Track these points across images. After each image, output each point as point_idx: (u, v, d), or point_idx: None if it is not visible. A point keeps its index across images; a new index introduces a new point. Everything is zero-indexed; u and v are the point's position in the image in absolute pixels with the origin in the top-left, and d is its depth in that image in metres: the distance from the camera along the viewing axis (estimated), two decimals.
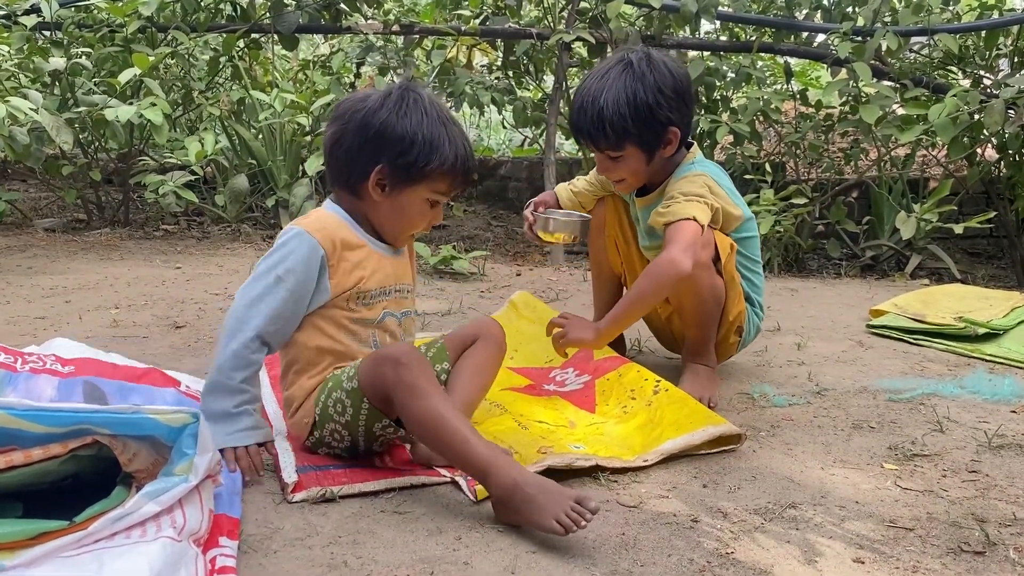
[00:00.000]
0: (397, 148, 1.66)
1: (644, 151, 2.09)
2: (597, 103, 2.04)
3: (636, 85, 2.03)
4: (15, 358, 1.64)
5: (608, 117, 2.03)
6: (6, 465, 1.24)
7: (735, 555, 1.39)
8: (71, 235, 4.47)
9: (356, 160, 1.69)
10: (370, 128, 1.66)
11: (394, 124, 1.65)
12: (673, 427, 1.84)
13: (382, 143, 1.66)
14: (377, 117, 1.66)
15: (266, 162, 4.66)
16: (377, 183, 1.69)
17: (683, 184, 2.11)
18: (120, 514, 1.21)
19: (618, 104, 2.02)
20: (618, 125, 2.03)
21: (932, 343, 2.71)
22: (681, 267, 1.94)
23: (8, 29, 4.33)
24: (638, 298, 2.01)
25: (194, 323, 2.80)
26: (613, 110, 2.02)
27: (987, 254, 4.67)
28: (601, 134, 2.06)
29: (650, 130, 2.06)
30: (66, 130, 3.88)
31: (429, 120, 1.67)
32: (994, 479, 1.69)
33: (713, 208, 2.08)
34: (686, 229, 2.00)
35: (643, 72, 2.03)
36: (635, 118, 2.03)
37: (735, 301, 2.18)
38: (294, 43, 4.94)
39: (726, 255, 2.11)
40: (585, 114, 2.07)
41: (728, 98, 4.78)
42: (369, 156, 1.67)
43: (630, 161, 2.11)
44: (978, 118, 3.76)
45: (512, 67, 5.26)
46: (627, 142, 2.06)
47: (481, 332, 1.86)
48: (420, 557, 1.36)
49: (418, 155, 1.66)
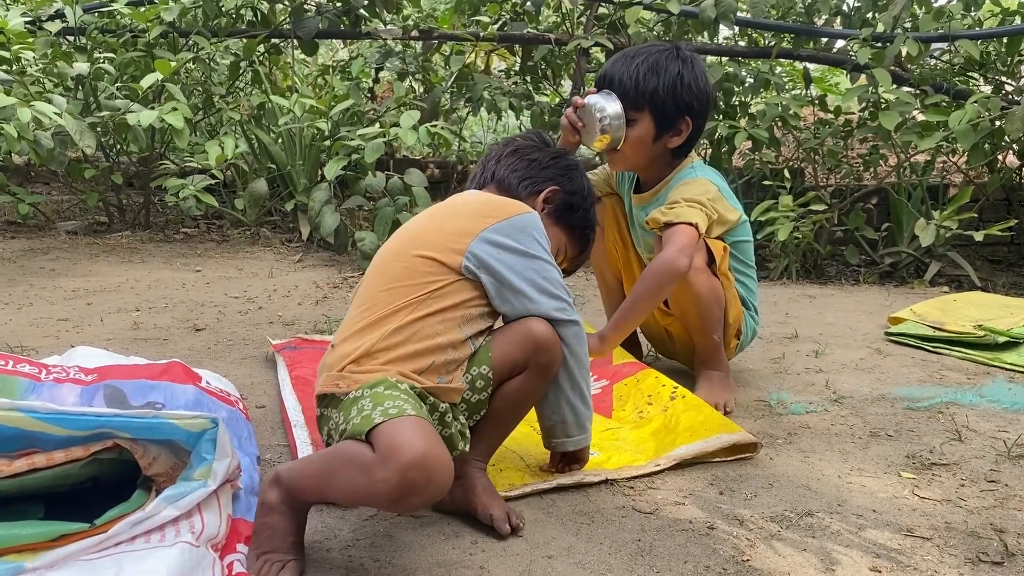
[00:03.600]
0: (571, 190, 1.80)
1: (655, 126, 2.13)
2: (636, 58, 2.10)
3: (677, 64, 2.10)
4: (39, 369, 1.66)
5: (643, 72, 2.08)
6: (28, 467, 1.26)
7: (751, 562, 1.39)
8: (93, 238, 4.51)
9: (542, 175, 1.78)
10: (567, 169, 1.82)
11: (581, 184, 1.83)
12: (688, 433, 1.84)
13: (565, 180, 1.80)
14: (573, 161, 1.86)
15: (285, 166, 4.69)
16: (545, 200, 1.76)
17: (686, 189, 2.13)
18: (140, 517, 1.22)
19: (655, 67, 2.09)
20: (648, 82, 2.08)
21: (951, 351, 2.69)
22: (679, 266, 1.97)
23: (33, 34, 4.38)
24: (639, 301, 2.01)
25: (213, 326, 2.82)
26: (647, 68, 2.09)
27: (1007, 261, 4.63)
28: (631, 83, 2.09)
29: (670, 108, 2.11)
30: (89, 134, 3.92)
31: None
32: (1013, 489, 1.68)
33: (710, 218, 2.11)
34: (684, 232, 2.02)
35: (686, 59, 2.12)
36: (664, 87, 2.08)
37: (732, 303, 2.20)
38: (314, 48, 4.97)
39: (720, 256, 2.15)
40: (620, 63, 2.12)
41: (747, 103, 4.77)
42: (553, 176, 1.78)
43: (639, 130, 2.12)
44: (999, 125, 3.74)
45: (530, 72, 5.26)
46: (647, 106, 2.10)
47: (531, 358, 1.56)
48: (437, 561, 1.37)
49: (582, 200, 1.81)
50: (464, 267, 1.52)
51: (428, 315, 1.50)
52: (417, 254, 1.54)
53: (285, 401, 2.03)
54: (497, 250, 1.53)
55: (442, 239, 1.55)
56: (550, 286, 1.56)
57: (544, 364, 1.57)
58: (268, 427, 1.96)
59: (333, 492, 1.32)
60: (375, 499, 1.27)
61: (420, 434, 1.26)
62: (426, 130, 3.98)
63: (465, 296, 1.53)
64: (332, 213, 4.02)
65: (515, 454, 1.77)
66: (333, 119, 4.42)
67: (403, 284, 1.52)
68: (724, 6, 4.21)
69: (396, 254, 1.58)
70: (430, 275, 1.52)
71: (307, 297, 3.37)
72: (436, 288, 1.51)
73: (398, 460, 1.22)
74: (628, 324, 2.05)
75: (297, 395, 2.04)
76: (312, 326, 2.84)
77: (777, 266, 4.16)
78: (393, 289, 1.51)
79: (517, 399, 1.59)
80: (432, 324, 1.50)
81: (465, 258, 1.53)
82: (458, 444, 1.52)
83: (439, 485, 1.25)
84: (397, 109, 4.66)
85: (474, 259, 1.53)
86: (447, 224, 1.59)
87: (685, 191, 2.12)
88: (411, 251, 1.56)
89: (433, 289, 1.51)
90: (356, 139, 3.98)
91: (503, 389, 1.58)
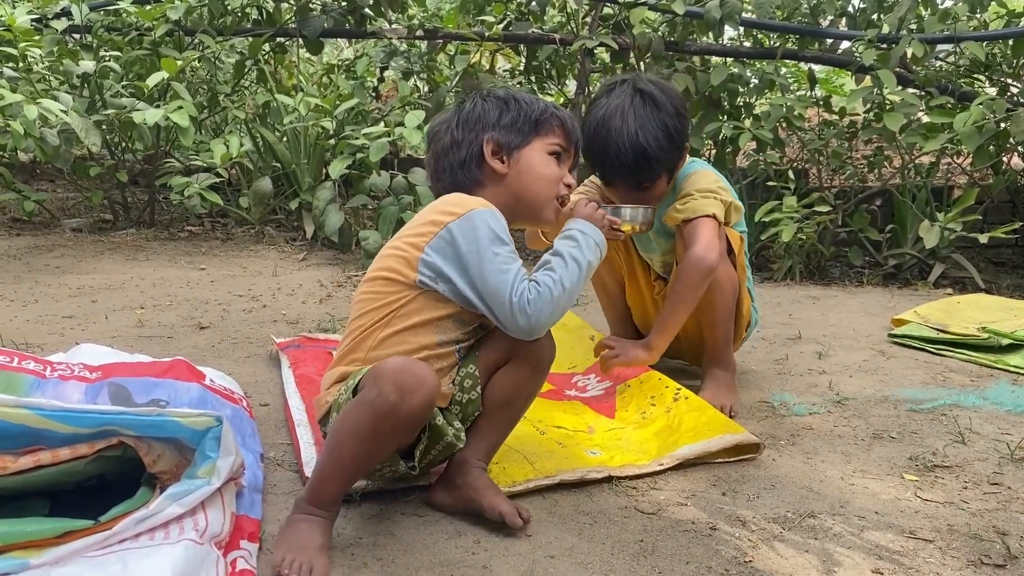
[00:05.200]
0: (496, 114, 1.67)
1: (671, 174, 2.14)
2: (639, 143, 2.03)
3: (662, 115, 2.05)
4: (44, 366, 1.67)
5: (654, 155, 2.04)
6: (34, 464, 1.26)
7: (753, 563, 1.39)
8: (97, 235, 4.52)
9: (465, 147, 1.67)
10: (470, 117, 1.68)
11: (487, 104, 1.69)
12: (690, 433, 1.84)
13: (483, 119, 1.67)
14: (470, 107, 1.70)
15: (290, 165, 4.70)
16: (493, 153, 1.65)
17: (695, 180, 2.15)
18: (144, 515, 1.23)
19: (659, 140, 2.04)
20: (662, 159, 2.06)
21: (954, 353, 2.69)
22: (709, 261, 1.99)
23: (39, 32, 4.40)
24: (678, 303, 2.02)
25: (218, 324, 2.83)
26: (656, 147, 2.04)
27: (1012, 264, 4.62)
28: (647, 172, 2.07)
29: (677, 153, 2.11)
30: (94, 132, 3.94)
31: (517, 92, 1.73)
32: (1016, 492, 1.68)
33: (726, 203, 2.12)
34: (706, 226, 2.04)
35: (660, 99, 2.06)
36: (670, 148, 2.07)
37: (744, 295, 2.23)
38: (319, 47, 4.98)
39: (738, 248, 2.17)
40: (626, 155, 2.04)
41: (751, 104, 4.77)
42: (475, 136, 1.66)
43: (659, 187, 2.13)
44: (1004, 127, 3.73)
45: (534, 72, 5.27)
46: (660, 169, 2.09)
47: (514, 351, 1.59)
48: (439, 560, 1.38)
49: (518, 111, 1.67)
50: (419, 281, 1.54)
51: (399, 331, 1.54)
52: (377, 275, 1.59)
53: (289, 399, 2.03)
54: (443, 260, 1.53)
55: (399, 253, 1.57)
56: (498, 284, 1.49)
57: (525, 354, 1.59)
58: (272, 425, 1.97)
59: (347, 455, 1.39)
60: (380, 420, 1.35)
61: (397, 357, 1.43)
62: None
63: (431, 305, 1.55)
64: (336, 212, 4.02)
65: (518, 452, 1.77)
66: (338, 118, 4.42)
67: (369, 309, 1.57)
68: (729, 7, 4.20)
69: (366, 276, 1.63)
70: (391, 295, 1.55)
71: (311, 295, 3.38)
72: (400, 306, 1.55)
73: (382, 372, 1.36)
74: (672, 328, 2.04)
75: (301, 393, 2.05)
76: (316, 324, 2.84)
77: (781, 267, 4.15)
78: (362, 315, 1.58)
79: (509, 393, 1.60)
80: (404, 338, 1.53)
81: (419, 272, 1.54)
82: (456, 446, 1.55)
83: (430, 383, 1.36)
84: (402, 108, 4.66)
85: (427, 271, 1.54)
86: (403, 237, 1.61)
87: (695, 182, 2.14)
88: (374, 272, 1.60)
89: (396, 308, 1.55)
90: (360, 138, 3.99)
91: (493, 385, 1.59)
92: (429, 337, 1.54)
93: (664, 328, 2.03)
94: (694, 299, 2.03)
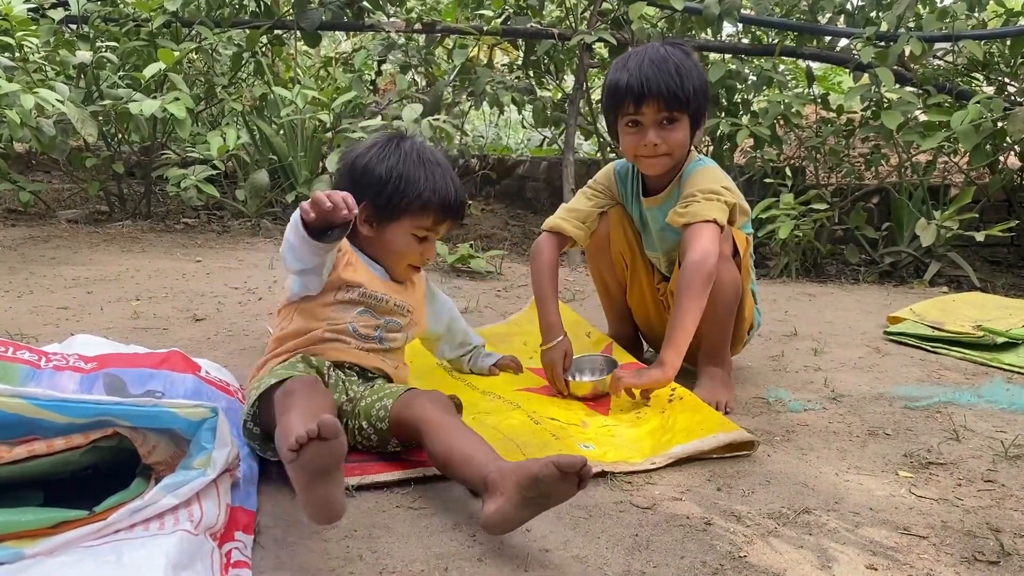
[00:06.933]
0: (375, 187, 1.84)
1: (691, 124, 2.13)
2: (672, 61, 2.06)
3: (695, 62, 2.11)
4: (39, 356, 1.67)
5: (686, 73, 2.06)
6: (28, 454, 1.26)
7: (748, 558, 1.40)
8: (93, 227, 4.51)
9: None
10: (356, 170, 1.87)
11: (374, 166, 1.85)
12: (684, 433, 1.84)
13: (365, 183, 1.84)
14: (361, 160, 1.87)
15: (287, 158, 4.69)
16: (365, 220, 1.85)
17: (699, 179, 2.13)
18: (139, 506, 1.23)
19: (693, 68, 2.09)
20: (693, 83, 2.07)
21: (950, 351, 2.69)
22: (709, 264, 1.98)
23: (36, 22, 4.38)
24: (684, 313, 1.98)
25: (213, 316, 2.82)
26: (688, 68, 2.07)
27: (1007, 263, 4.64)
28: (678, 87, 2.05)
29: (703, 105, 2.12)
30: (91, 123, 3.92)
31: (408, 161, 1.85)
32: (1010, 489, 1.69)
33: (730, 204, 2.10)
34: (705, 231, 2.02)
35: (694, 56, 2.14)
36: (700, 86, 2.09)
37: (747, 298, 2.21)
38: (317, 40, 4.97)
39: (744, 250, 2.15)
40: (660, 69, 2.06)
41: (749, 101, 4.77)
42: (357, 196, 1.72)
43: (680, 131, 2.11)
44: (1001, 126, 3.74)
45: (533, 67, 5.26)
46: (690, 105, 2.09)
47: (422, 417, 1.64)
48: (435, 553, 1.38)
49: (392, 192, 1.83)
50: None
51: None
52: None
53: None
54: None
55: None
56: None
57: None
58: None
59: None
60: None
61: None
62: (428, 123, 3.98)
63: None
64: None
65: (511, 442, 1.77)
66: (335, 111, 4.42)
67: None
68: (728, 3, 4.21)
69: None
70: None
71: None
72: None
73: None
74: (681, 340, 1.99)
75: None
76: None
77: (777, 264, 4.16)
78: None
79: (446, 443, 1.57)
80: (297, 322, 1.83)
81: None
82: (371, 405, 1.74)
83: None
84: (400, 102, 4.65)
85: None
86: None
87: (699, 181, 2.12)
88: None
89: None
90: (358, 131, 3.98)
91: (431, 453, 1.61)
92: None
93: (673, 342, 1.99)
94: (699, 307, 1.99)
